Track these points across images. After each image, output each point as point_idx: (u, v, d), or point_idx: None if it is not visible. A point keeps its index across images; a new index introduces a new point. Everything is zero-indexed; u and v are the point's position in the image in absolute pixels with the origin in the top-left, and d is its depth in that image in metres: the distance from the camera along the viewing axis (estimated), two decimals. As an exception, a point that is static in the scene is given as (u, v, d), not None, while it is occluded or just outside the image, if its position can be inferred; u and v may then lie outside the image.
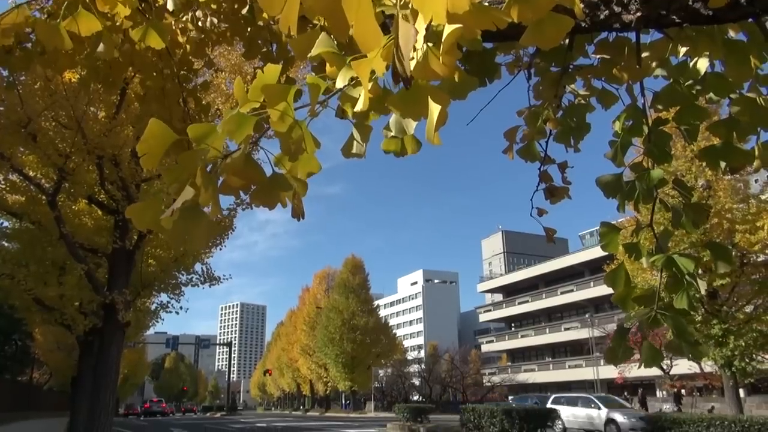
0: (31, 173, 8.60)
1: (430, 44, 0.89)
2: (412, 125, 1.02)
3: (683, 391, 35.72)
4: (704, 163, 7.48)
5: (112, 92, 6.84)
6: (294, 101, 1.03)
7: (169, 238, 1.03)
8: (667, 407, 34.55)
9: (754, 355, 16.37)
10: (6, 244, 13.65)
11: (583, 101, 1.80)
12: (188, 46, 2.91)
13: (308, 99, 1.08)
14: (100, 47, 1.74)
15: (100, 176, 7.81)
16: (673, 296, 1.44)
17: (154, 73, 2.99)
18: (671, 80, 1.46)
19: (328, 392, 66.23)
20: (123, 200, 7.82)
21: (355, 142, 1.13)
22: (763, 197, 16.80)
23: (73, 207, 10.75)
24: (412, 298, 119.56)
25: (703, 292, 1.46)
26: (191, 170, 0.94)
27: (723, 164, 1.46)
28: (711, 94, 1.42)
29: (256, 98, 0.96)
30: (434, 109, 0.91)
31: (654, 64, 1.50)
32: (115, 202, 8.10)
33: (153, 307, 13.00)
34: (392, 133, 1.10)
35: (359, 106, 0.96)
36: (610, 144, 1.66)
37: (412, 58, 0.86)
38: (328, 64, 1.03)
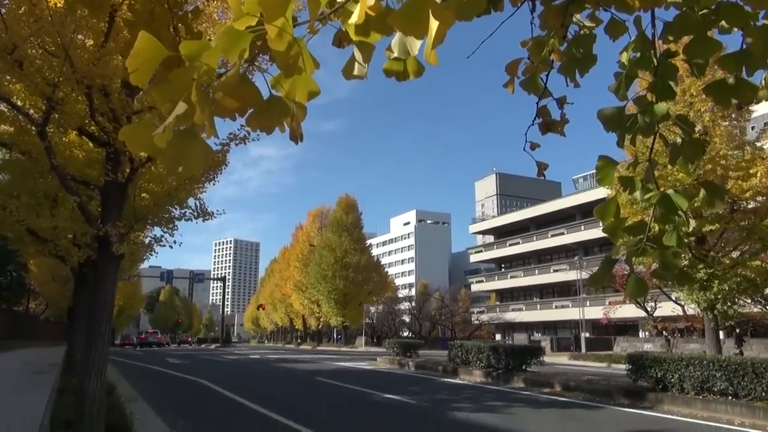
0: (19, 103, 8.41)
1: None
2: (415, 45, 0.98)
3: (665, 332, 36.79)
4: (701, 109, 7.42)
5: (99, 17, 6.59)
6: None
7: (164, 161, 1.01)
8: (649, 347, 35.65)
9: (736, 299, 16.79)
10: (-3, 175, 13.55)
11: (588, 32, 1.74)
12: (179, -32, 2.77)
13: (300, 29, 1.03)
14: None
15: (90, 107, 7.62)
16: (663, 228, 1.45)
17: (144, -4, 2.87)
18: (684, 9, 1.41)
19: (320, 327, 67.90)
20: (114, 132, 7.67)
21: (356, 63, 1.09)
22: (758, 144, 16.76)
23: (64, 139, 10.58)
24: (405, 238, 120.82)
25: (691, 229, 1.47)
26: (184, 88, 0.90)
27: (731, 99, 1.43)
28: (724, 23, 1.37)
29: (253, 12, 0.91)
30: (433, 25, 0.87)
31: (668, -9, 1.45)
32: (106, 134, 7.94)
33: (147, 240, 13.04)
34: (395, 55, 1.05)
35: (355, 18, 0.91)
36: (615, 76, 1.62)
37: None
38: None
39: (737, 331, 26.58)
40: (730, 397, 10.77)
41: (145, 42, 0.92)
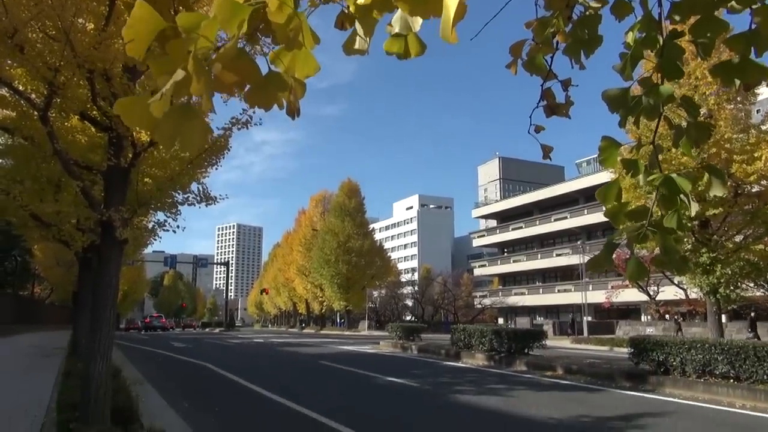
0: (20, 87, 8.38)
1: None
2: (417, 22, 0.96)
3: (667, 315, 36.89)
4: (706, 92, 7.35)
5: (99, 0, 6.54)
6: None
7: (161, 138, 0.99)
8: (651, 330, 35.73)
9: (739, 283, 16.80)
10: (0, 160, 13.55)
11: (594, 12, 1.72)
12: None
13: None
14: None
15: (91, 92, 7.59)
16: (665, 213, 1.44)
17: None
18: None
19: (323, 311, 68.27)
20: (116, 117, 7.64)
21: (357, 38, 1.07)
22: (763, 128, 16.64)
23: (66, 123, 10.56)
24: (408, 223, 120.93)
25: (693, 213, 1.46)
26: (181, 60, 0.89)
27: (737, 82, 1.41)
28: (733, 3, 1.34)
29: (253, -18, 0.90)
30: (451, 2, 0.85)
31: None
32: (109, 118, 7.92)
33: (150, 225, 13.07)
34: (396, 30, 1.04)
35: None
36: (621, 56, 1.60)
37: None
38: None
39: (752, 314, 26.55)
40: (731, 380, 10.81)
41: (142, 12, 0.90)
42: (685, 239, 15.95)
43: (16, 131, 9.53)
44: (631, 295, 40.55)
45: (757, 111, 24.66)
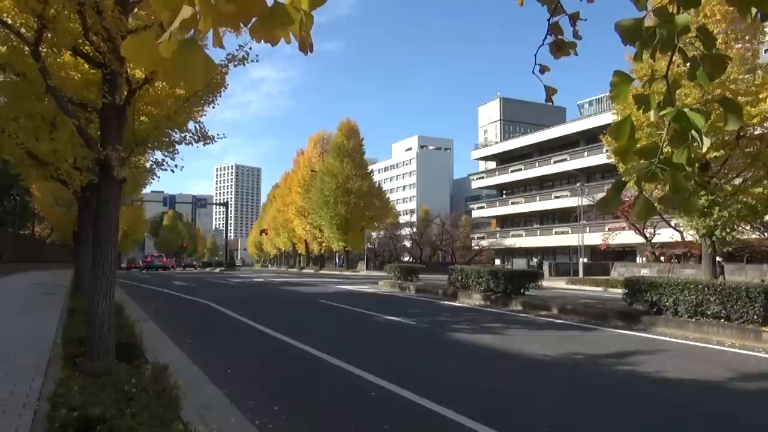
0: (9, 21, 8.13)
1: None
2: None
3: (662, 257, 37.36)
4: (715, 30, 7.16)
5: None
6: None
7: (166, 75, 0.97)
8: (646, 272, 36.27)
9: (735, 226, 16.92)
10: (-8, 97, 13.30)
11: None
12: None
13: None
14: None
15: (83, 25, 7.36)
16: (674, 151, 1.42)
17: None
18: None
19: (322, 251, 69.01)
20: (109, 52, 7.45)
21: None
22: (771, 68, 16.30)
23: (58, 60, 10.30)
24: (407, 164, 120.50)
25: (705, 149, 1.44)
26: (185, -6, 0.85)
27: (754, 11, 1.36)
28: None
29: None
30: None
31: None
32: (101, 54, 7.72)
33: (148, 164, 13.01)
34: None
35: None
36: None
37: None
38: None
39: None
40: (722, 320, 11.05)
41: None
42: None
43: (8, 67, 9.31)
44: (627, 237, 40.94)
45: (765, 51, 24.12)
